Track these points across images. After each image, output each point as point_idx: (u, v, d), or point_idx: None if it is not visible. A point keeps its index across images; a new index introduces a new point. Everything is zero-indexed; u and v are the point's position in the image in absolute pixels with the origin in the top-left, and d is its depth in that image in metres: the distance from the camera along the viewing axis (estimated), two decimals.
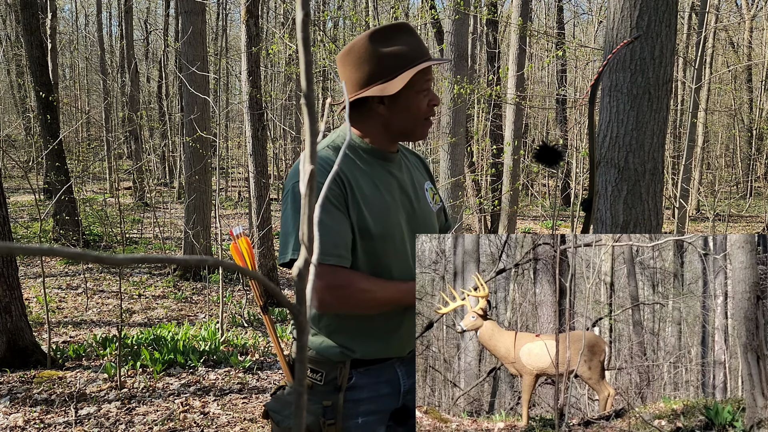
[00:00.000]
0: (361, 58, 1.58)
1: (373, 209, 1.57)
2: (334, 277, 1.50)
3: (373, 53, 1.57)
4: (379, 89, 1.56)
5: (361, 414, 1.61)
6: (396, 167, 1.69)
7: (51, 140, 9.31)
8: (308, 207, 0.55)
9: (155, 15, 29.66)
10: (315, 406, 1.58)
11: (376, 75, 1.57)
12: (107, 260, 0.43)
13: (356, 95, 1.59)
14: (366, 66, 1.58)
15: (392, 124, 1.63)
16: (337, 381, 1.59)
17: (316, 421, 1.57)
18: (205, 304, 6.99)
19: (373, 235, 1.56)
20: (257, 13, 7.28)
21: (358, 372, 1.61)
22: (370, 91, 1.57)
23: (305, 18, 0.53)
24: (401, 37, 1.60)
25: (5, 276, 4.51)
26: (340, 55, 1.63)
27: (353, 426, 1.60)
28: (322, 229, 1.47)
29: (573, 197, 9.47)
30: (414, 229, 1.64)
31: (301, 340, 0.55)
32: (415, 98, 1.60)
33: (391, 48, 1.58)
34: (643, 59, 2.61)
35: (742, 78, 21.11)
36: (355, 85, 1.59)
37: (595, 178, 1.84)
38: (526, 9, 9.40)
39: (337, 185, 1.53)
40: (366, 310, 1.59)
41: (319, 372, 1.61)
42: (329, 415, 1.58)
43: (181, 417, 3.76)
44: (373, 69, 1.57)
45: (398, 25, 1.64)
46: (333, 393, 1.59)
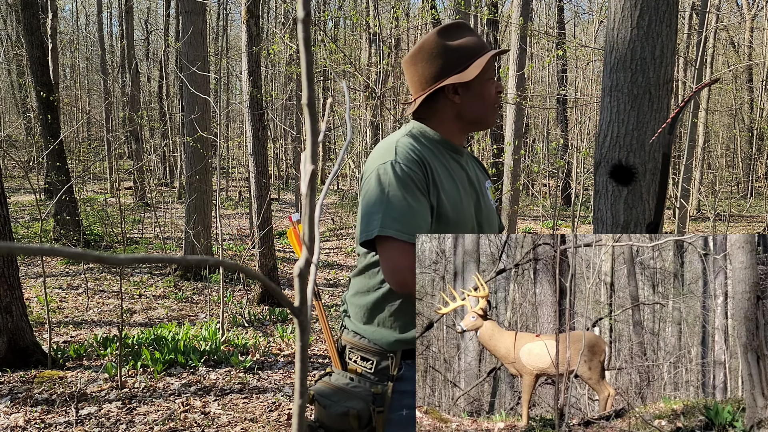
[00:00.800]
0: (433, 54, 1.69)
1: (449, 196, 1.63)
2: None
3: (445, 47, 1.69)
4: (455, 78, 1.66)
5: (405, 407, 1.62)
6: (464, 161, 1.76)
7: (52, 140, 9.32)
8: (309, 207, 0.55)
9: (156, 15, 29.67)
10: (365, 393, 1.61)
11: (450, 66, 1.68)
12: (108, 260, 0.43)
13: (434, 87, 1.69)
14: (439, 59, 1.69)
15: (466, 113, 1.72)
16: (388, 370, 1.62)
17: (366, 407, 1.60)
18: (206, 304, 6.99)
19: (449, 221, 1.61)
20: (258, 13, 7.28)
21: (407, 364, 1.63)
22: (447, 81, 1.67)
23: (306, 18, 0.53)
24: (464, 33, 1.73)
25: (6, 276, 4.51)
26: (408, 57, 1.74)
27: (397, 418, 1.61)
28: (408, 210, 1.53)
29: (573, 197, 9.46)
30: (481, 222, 1.71)
31: (302, 339, 0.56)
32: (486, 85, 1.70)
33: (459, 41, 1.70)
34: (643, 59, 2.61)
35: (742, 78, 21.11)
36: (430, 79, 1.70)
37: (663, 206, 1.82)
38: (526, 9, 9.39)
39: (421, 169, 1.59)
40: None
41: (370, 360, 1.64)
42: (378, 403, 1.60)
43: (181, 417, 3.76)
44: (447, 61, 1.68)
45: (459, 23, 1.77)
46: (382, 382, 1.62)
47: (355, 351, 1.67)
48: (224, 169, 16.98)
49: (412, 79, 1.74)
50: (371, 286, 1.69)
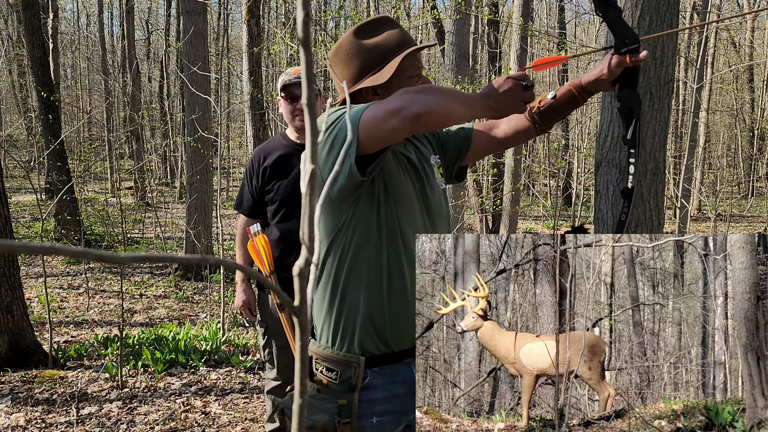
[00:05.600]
0: (349, 54, 1.65)
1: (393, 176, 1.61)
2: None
3: (360, 47, 1.64)
4: (371, 80, 1.62)
5: (376, 414, 1.60)
6: (401, 148, 1.71)
7: (52, 140, 9.32)
8: (309, 206, 0.55)
9: (156, 15, 29.70)
10: (330, 405, 1.59)
11: (366, 67, 1.63)
12: (109, 258, 0.43)
13: (351, 89, 1.64)
14: (355, 61, 1.64)
15: None
16: (351, 380, 1.60)
17: (331, 419, 1.57)
18: (207, 304, 6.99)
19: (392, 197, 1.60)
20: (259, 12, 7.28)
21: (373, 371, 1.61)
22: (363, 83, 1.62)
23: (306, 18, 0.53)
24: (384, 29, 1.66)
25: (7, 276, 4.51)
26: (330, 57, 1.69)
27: (368, 426, 1.60)
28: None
29: (574, 197, 9.46)
30: (428, 205, 1.67)
31: (302, 339, 0.56)
32: (406, 84, 1.63)
33: (375, 40, 1.64)
34: None
35: (743, 78, 21.10)
36: (349, 81, 1.65)
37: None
38: (527, 9, 9.39)
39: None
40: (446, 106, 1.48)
41: (334, 371, 1.61)
42: (344, 414, 1.58)
43: (182, 417, 3.76)
44: (363, 62, 1.64)
45: (380, 19, 1.70)
46: (348, 392, 1.60)
47: (321, 362, 1.65)
48: (225, 169, 16.98)
49: (334, 80, 1.71)
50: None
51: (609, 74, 1.57)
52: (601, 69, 1.59)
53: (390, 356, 1.62)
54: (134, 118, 16.64)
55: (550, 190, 15.21)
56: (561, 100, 1.65)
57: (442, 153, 1.83)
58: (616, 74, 1.57)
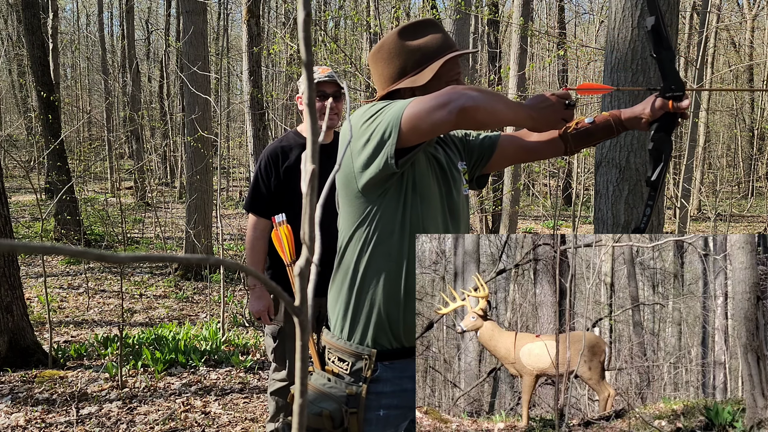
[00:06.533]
0: (392, 54, 1.67)
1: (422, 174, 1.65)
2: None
3: (403, 48, 1.66)
4: (410, 81, 1.65)
5: (383, 407, 1.63)
6: (432, 149, 1.74)
7: (52, 140, 9.32)
8: (309, 206, 0.55)
9: (156, 15, 29.70)
10: (339, 394, 1.61)
11: (406, 68, 1.66)
12: (109, 258, 0.44)
13: (389, 88, 1.67)
14: (397, 60, 1.67)
15: None
16: (362, 372, 1.62)
17: (338, 408, 1.60)
18: (207, 304, 6.99)
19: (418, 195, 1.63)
20: (258, 12, 7.28)
21: (384, 365, 1.63)
22: (402, 83, 1.65)
23: (307, 18, 0.53)
24: (428, 32, 1.69)
25: (7, 275, 4.51)
26: (371, 54, 1.72)
27: (374, 418, 1.62)
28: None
29: (574, 197, 9.46)
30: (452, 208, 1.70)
31: (302, 339, 0.56)
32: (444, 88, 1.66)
33: (418, 42, 1.67)
34: (644, 59, 2.61)
35: (743, 78, 21.09)
36: (388, 79, 1.68)
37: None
38: (527, 9, 9.39)
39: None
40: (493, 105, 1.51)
41: (345, 361, 1.64)
42: (352, 404, 1.61)
43: (182, 417, 3.76)
44: (404, 63, 1.66)
45: (425, 21, 1.73)
46: (357, 383, 1.62)
47: (333, 352, 1.68)
48: (225, 169, 16.99)
49: (374, 77, 1.73)
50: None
51: (651, 114, 1.60)
52: (643, 108, 1.62)
53: (401, 351, 1.64)
54: (134, 118, 16.64)
55: (549, 190, 15.21)
56: (598, 126, 1.69)
57: (468, 158, 1.86)
58: (657, 116, 1.59)
